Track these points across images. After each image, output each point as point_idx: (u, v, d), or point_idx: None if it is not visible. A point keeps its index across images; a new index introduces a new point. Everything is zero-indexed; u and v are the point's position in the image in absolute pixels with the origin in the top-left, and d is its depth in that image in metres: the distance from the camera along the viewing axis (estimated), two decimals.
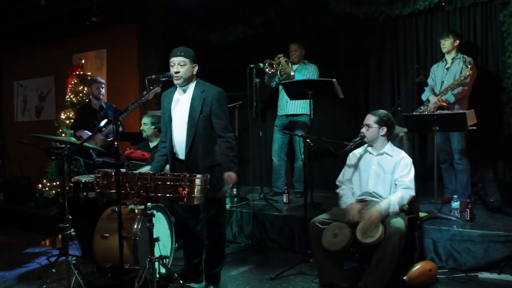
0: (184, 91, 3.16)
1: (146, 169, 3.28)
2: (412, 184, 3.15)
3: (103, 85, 5.07)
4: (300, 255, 3.83)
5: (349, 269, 3.53)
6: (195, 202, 2.77)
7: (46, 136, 3.66)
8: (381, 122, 3.25)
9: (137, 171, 3.24)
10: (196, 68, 3.15)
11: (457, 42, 4.37)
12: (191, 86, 3.16)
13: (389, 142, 3.31)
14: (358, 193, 3.33)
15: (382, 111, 3.32)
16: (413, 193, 3.16)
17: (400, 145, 3.32)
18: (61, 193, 3.48)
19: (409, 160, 3.21)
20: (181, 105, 3.16)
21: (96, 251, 3.39)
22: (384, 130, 3.25)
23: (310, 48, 5.36)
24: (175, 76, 3.06)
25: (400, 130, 3.38)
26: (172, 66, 3.08)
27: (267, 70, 4.90)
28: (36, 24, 7.58)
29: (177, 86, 3.16)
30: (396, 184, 3.19)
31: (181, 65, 3.06)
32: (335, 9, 5.23)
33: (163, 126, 3.28)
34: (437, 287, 3.28)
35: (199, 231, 3.35)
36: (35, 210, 6.02)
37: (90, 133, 4.70)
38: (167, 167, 3.33)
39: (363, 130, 3.30)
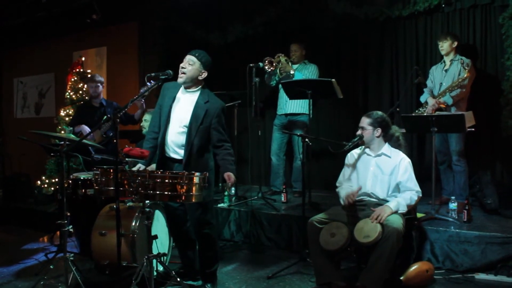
0: (188, 93, 3.15)
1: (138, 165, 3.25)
2: (418, 187, 3.19)
3: (99, 84, 5.01)
4: (298, 254, 3.84)
5: (346, 268, 3.54)
6: (193, 200, 2.77)
7: (45, 132, 3.66)
8: (375, 124, 3.27)
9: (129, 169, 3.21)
10: (204, 74, 3.12)
11: (455, 43, 4.37)
12: (196, 92, 3.14)
13: (386, 143, 3.32)
14: None
15: (376, 113, 3.33)
16: (421, 194, 3.20)
17: (397, 145, 3.33)
18: (59, 190, 3.48)
19: (407, 161, 3.21)
20: (182, 107, 3.14)
21: (94, 248, 3.40)
22: (378, 131, 3.27)
23: (310, 48, 5.36)
24: (180, 72, 3.07)
25: (396, 130, 3.38)
26: (183, 62, 3.09)
27: (266, 67, 4.92)
28: (37, 22, 7.56)
29: (182, 85, 3.15)
30: (400, 189, 3.21)
31: (190, 64, 3.06)
32: (334, 10, 5.24)
33: (157, 116, 3.23)
34: None
35: (187, 230, 3.34)
36: (33, 206, 6.02)
37: (89, 129, 4.69)
38: (153, 166, 3.30)
39: (358, 132, 3.32)
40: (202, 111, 3.09)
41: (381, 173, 3.24)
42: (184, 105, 3.14)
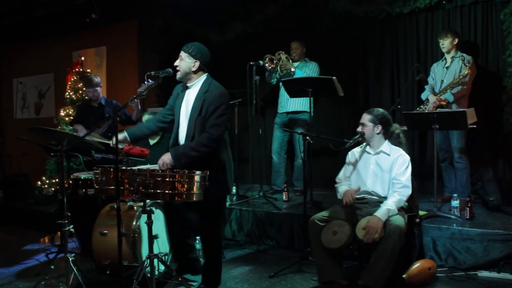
0: (189, 88, 3.11)
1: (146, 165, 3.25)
2: (409, 183, 3.14)
3: (97, 88, 4.83)
4: (300, 253, 3.83)
5: (348, 267, 3.52)
6: (194, 199, 2.76)
7: (44, 127, 3.62)
8: (375, 121, 3.25)
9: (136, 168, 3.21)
10: (197, 64, 3.02)
11: (456, 41, 4.36)
12: (197, 85, 3.07)
13: (387, 140, 3.30)
14: None
15: (377, 110, 3.31)
16: (409, 191, 3.14)
17: (397, 143, 3.31)
18: (60, 190, 3.47)
19: (406, 158, 3.20)
20: (184, 103, 3.11)
21: (95, 248, 3.39)
22: (379, 128, 3.25)
23: (310, 46, 5.35)
24: (176, 69, 3.05)
25: (397, 127, 3.36)
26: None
27: (267, 65, 4.90)
28: (36, 21, 7.56)
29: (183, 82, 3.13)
30: (393, 183, 3.17)
31: (180, 59, 3.04)
32: (335, 8, 5.23)
33: (167, 107, 3.26)
34: (436, 286, 3.28)
35: (187, 237, 3.29)
36: (34, 207, 6.01)
37: (84, 129, 4.66)
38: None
39: (359, 129, 3.30)
40: (201, 101, 3.00)
41: (380, 171, 3.23)
42: (185, 102, 3.10)
